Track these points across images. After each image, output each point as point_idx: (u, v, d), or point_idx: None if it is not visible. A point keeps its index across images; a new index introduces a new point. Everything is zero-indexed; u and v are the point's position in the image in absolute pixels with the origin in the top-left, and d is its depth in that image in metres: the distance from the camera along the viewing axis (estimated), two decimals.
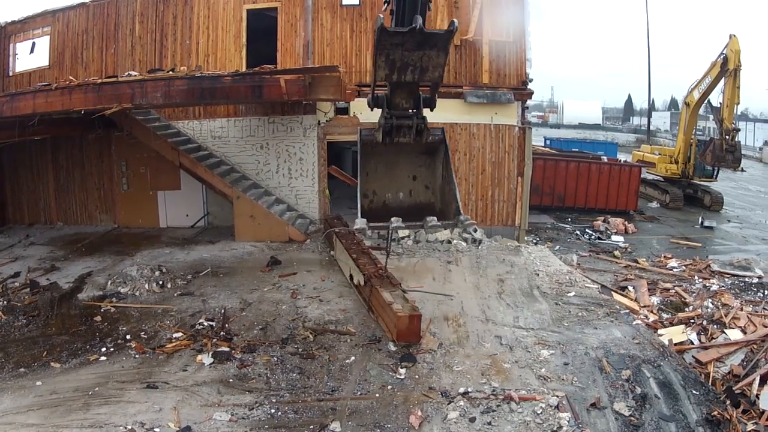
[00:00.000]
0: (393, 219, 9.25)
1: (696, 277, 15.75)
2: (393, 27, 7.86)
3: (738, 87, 24.34)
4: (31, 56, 18.47)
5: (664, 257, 18.18)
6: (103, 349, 9.74)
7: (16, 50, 18.72)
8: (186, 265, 13.98)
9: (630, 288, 14.72)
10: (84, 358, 9.44)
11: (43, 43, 18.32)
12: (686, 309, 13.25)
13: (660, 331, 11.77)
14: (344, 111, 17.02)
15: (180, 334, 10.22)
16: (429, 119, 9.45)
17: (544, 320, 11.15)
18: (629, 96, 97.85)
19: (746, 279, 15.60)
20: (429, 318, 10.68)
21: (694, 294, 14.20)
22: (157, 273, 12.87)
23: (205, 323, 10.66)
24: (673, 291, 14.47)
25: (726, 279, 15.65)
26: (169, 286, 12.59)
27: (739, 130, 26.83)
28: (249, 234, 15.98)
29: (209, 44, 17.25)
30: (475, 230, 15.80)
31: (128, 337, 10.16)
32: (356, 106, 16.35)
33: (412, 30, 7.40)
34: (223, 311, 11.18)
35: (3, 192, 18.76)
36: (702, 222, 23.87)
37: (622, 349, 9.91)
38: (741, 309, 12.56)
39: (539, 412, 7.90)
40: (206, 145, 17.40)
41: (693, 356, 10.66)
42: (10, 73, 18.67)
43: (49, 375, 8.88)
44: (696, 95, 26.95)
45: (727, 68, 24.14)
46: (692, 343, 11.35)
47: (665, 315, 13.10)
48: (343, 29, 17.00)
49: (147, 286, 12.40)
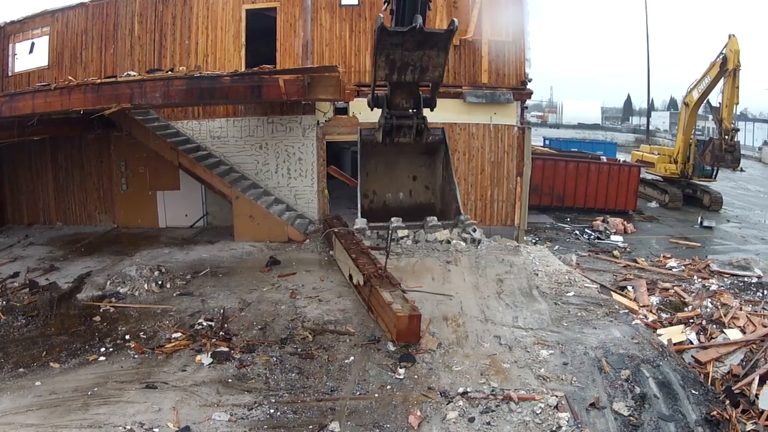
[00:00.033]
0: (393, 219, 9.26)
1: (695, 277, 15.75)
2: (393, 27, 7.86)
3: (737, 87, 24.33)
4: (31, 56, 18.47)
5: (664, 257, 18.18)
6: (102, 350, 9.74)
7: (16, 50, 18.71)
8: (185, 265, 13.98)
9: (629, 288, 14.72)
10: (83, 358, 9.44)
11: (43, 43, 18.31)
12: (685, 309, 13.25)
13: (659, 331, 11.77)
14: (343, 111, 17.03)
15: (179, 334, 10.22)
16: (428, 119, 9.46)
17: (544, 320, 11.15)
18: (628, 96, 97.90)
19: (745, 279, 15.61)
20: (428, 318, 10.67)
21: (694, 294, 14.21)
22: (156, 273, 12.88)
23: (204, 323, 10.65)
24: (673, 291, 14.47)
25: (725, 279, 15.66)
26: (168, 286, 12.59)
27: (739, 130, 26.78)
28: (248, 234, 15.97)
29: (208, 44, 17.24)
30: (474, 230, 15.79)
31: (127, 337, 10.15)
32: (355, 106, 16.36)
33: (413, 29, 7.40)
34: (222, 311, 11.17)
35: (2, 192, 18.75)
36: (701, 222, 23.87)
37: (622, 349, 9.91)
38: (740, 309, 12.57)
39: (538, 412, 7.90)
40: (205, 145, 17.40)
41: (692, 356, 10.66)
42: (10, 73, 18.66)
43: (49, 375, 8.87)
44: (695, 95, 26.94)
45: (727, 68, 24.13)
46: (691, 343, 11.36)
47: (664, 315, 13.10)
48: (342, 29, 16.99)
49: (146, 286, 12.40)
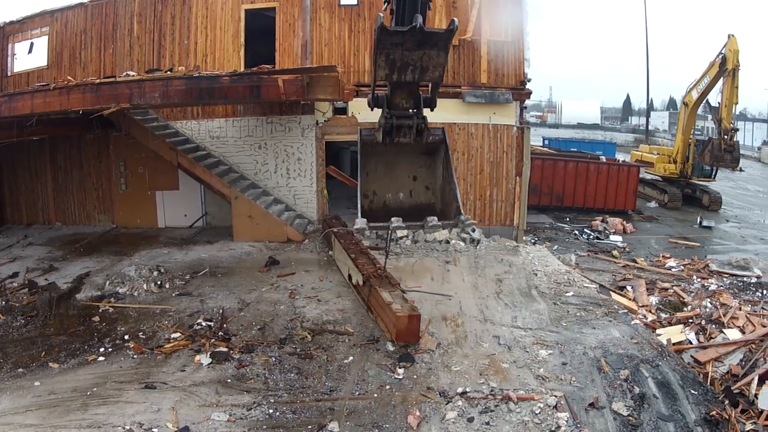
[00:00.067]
0: (393, 219, 9.24)
1: (694, 277, 15.75)
2: (393, 26, 7.84)
3: (736, 87, 24.32)
4: (30, 56, 18.47)
5: (663, 257, 18.18)
6: (102, 350, 9.73)
7: (15, 50, 18.71)
8: (184, 266, 13.97)
9: (628, 288, 14.71)
10: (82, 359, 9.44)
11: (42, 43, 18.31)
12: (685, 309, 13.24)
13: (658, 331, 11.76)
14: (342, 111, 17.02)
15: (178, 335, 10.22)
16: (427, 119, 9.44)
17: (543, 320, 11.15)
18: (628, 96, 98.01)
19: (745, 279, 15.61)
20: (428, 318, 10.67)
21: (693, 294, 14.20)
22: (156, 273, 12.88)
23: (204, 323, 10.65)
24: (672, 291, 14.46)
25: (724, 278, 15.66)
26: (168, 287, 12.59)
27: (738, 130, 26.77)
28: (247, 234, 15.96)
29: (207, 44, 17.24)
30: (474, 230, 15.80)
31: (126, 338, 10.15)
32: (354, 106, 16.36)
33: (413, 29, 7.38)
34: (222, 311, 11.17)
35: (1, 192, 18.75)
36: (700, 222, 23.86)
37: (621, 349, 9.91)
38: (739, 308, 12.57)
39: (537, 412, 7.90)
40: (204, 145, 17.40)
41: (691, 356, 10.67)
42: (9, 74, 18.66)
43: (48, 375, 8.87)
44: (694, 95, 26.93)
45: (726, 68, 24.12)
46: (691, 343, 11.36)
47: (664, 315, 13.09)
48: (342, 29, 16.99)
49: (145, 287, 12.40)
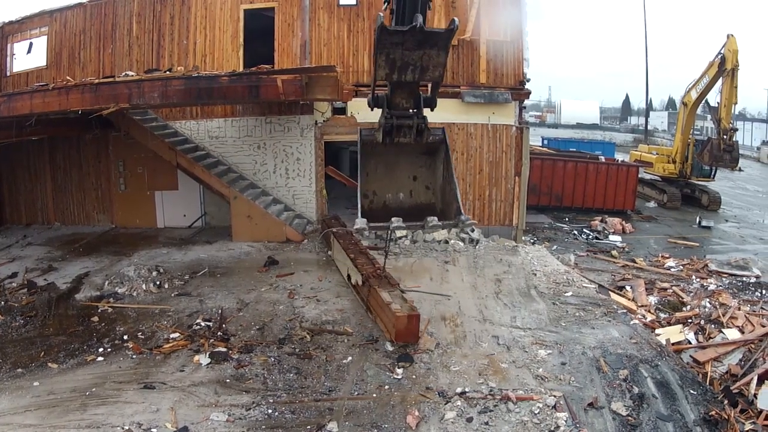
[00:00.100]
0: (393, 219, 9.22)
1: (694, 277, 15.74)
2: (393, 26, 7.82)
3: (736, 87, 24.30)
4: (29, 56, 18.46)
5: (662, 257, 18.18)
6: (101, 350, 9.73)
7: (14, 50, 18.70)
8: (183, 266, 13.97)
9: (627, 288, 14.71)
10: (81, 359, 9.44)
11: (41, 44, 18.29)
12: (684, 308, 13.24)
13: (657, 331, 11.77)
14: (341, 111, 17.02)
15: (177, 335, 10.22)
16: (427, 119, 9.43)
17: (542, 320, 11.16)
18: (627, 96, 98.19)
19: (744, 278, 15.61)
20: (427, 318, 10.68)
21: (692, 293, 14.20)
22: (155, 273, 12.88)
23: (203, 323, 10.65)
24: (671, 291, 14.45)
25: (724, 278, 15.65)
26: (167, 287, 12.58)
27: (737, 130, 26.73)
28: (246, 234, 15.96)
29: (206, 44, 17.23)
30: (473, 230, 15.79)
31: (125, 338, 10.15)
32: (353, 106, 16.36)
33: (413, 29, 7.34)
34: (221, 311, 11.17)
35: (0, 192, 18.73)
36: (700, 222, 23.85)
37: (620, 349, 9.92)
38: (739, 308, 12.57)
39: (536, 412, 7.91)
40: (203, 145, 17.39)
41: (690, 356, 10.68)
42: (8, 74, 18.64)
43: (47, 375, 8.87)
44: (694, 95, 26.93)
45: (725, 68, 24.09)
46: (690, 343, 11.36)
47: (663, 315, 13.08)
48: (341, 29, 16.99)
49: (144, 287, 12.39)
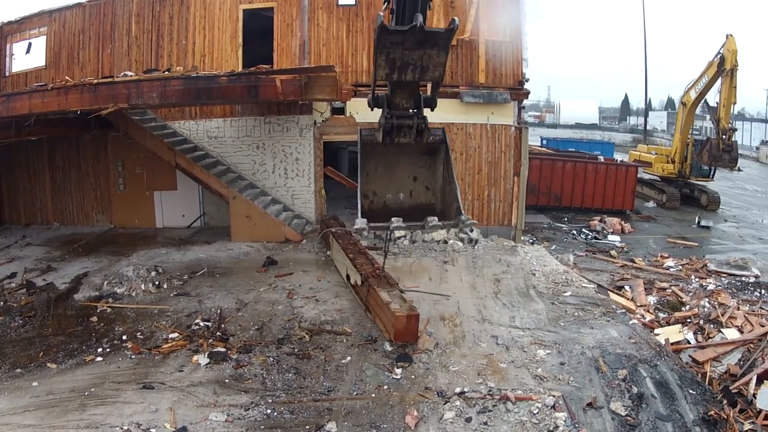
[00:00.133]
0: (393, 219, 9.21)
1: (693, 277, 15.73)
2: (393, 25, 7.81)
3: (735, 87, 24.26)
4: (28, 56, 18.44)
5: (661, 257, 18.16)
6: (100, 350, 9.74)
7: (13, 50, 18.68)
8: (182, 266, 13.96)
9: (626, 287, 14.69)
10: (80, 359, 9.45)
11: (40, 44, 18.28)
12: (683, 308, 13.23)
13: (656, 331, 11.76)
14: (340, 111, 17.01)
15: (176, 335, 10.22)
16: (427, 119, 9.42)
17: (541, 320, 11.17)
18: (626, 96, 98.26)
19: (743, 278, 15.59)
20: (426, 318, 10.68)
21: (691, 293, 14.19)
22: (154, 273, 12.88)
23: (201, 323, 10.66)
24: (670, 290, 14.44)
25: (723, 278, 15.64)
26: (166, 287, 12.58)
27: (736, 130, 26.70)
28: (245, 234, 15.95)
29: (205, 44, 17.22)
30: (472, 230, 15.78)
31: (124, 338, 10.16)
32: (352, 106, 16.36)
33: (413, 28, 7.32)
34: (219, 311, 11.17)
35: None
36: (699, 221, 23.84)
37: (619, 349, 9.93)
38: (738, 308, 12.57)
39: (535, 412, 7.92)
40: (202, 146, 17.37)
41: (690, 356, 10.68)
42: (7, 74, 18.63)
43: (46, 376, 8.87)
44: (693, 95, 26.91)
45: (724, 68, 24.06)
46: (689, 343, 11.36)
47: (662, 314, 13.07)
48: (340, 29, 16.98)
49: (143, 287, 12.39)
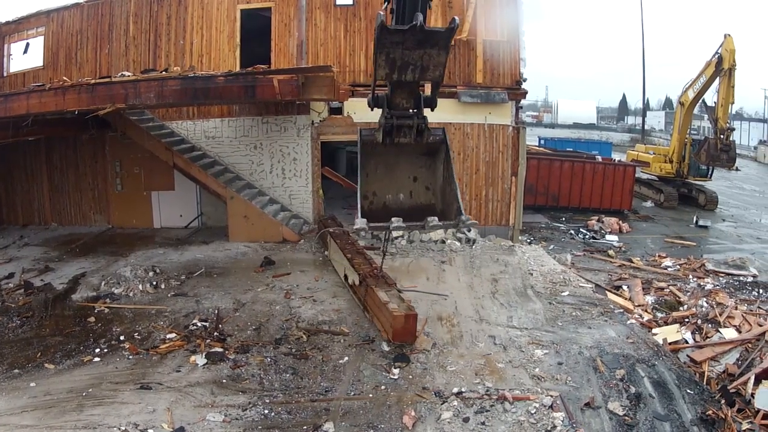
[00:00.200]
0: (393, 219, 9.20)
1: (690, 276, 15.73)
2: (393, 25, 7.80)
3: (733, 86, 24.25)
4: (25, 57, 18.43)
5: (659, 256, 18.16)
6: (97, 350, 9.73)
7: (10, 51, 18.66)
8: (180, 266, 13.95)
9: (624, 287, 14.69)
10: (78, 359, 9.44)
11: (37, 44, 18.25)
12: (681, 308, 13.24)
13: (654, 330, 11.77)
14: (338, 111, 17.00)
15: (173, 335, 10.21)
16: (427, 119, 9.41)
17: (538, 320, 11.18)
18: (624, 95, 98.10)
19: (741, 278, 15.60)
20: (424, 318, 10.68)
21: (689, 293, 14.19)
22: (151, 273, 12.87)
23: (199, 324, 10.65)
24: (668, 290, 14.44)
25: (721, 278, 15.64)
26: (163, 287, 12.57)
27: (734, 130, 26.74)
28: (243, 234, 15.95)
29: (203, 44, 17.21)
30: (469, 230, 15.78)
31: (122, 338, 10.15)
32: (350, 106, 16.36)
33: (413, 28, 7.31)
34: (217, 312, 11.16)
35: None
36: (696, 221, 23.84)
37: (617, 349, 9.94)
38: (736, 308, 12.57)
39: (533, 412, 7.92)
40: (200, 146, 17.36)
41: (688, 355, 10.69)
42: (5, 74, 18.61)
43: (43, 376, 8.86)
44: (690, 95, 26.91)
45: (722, 67, 24.06)
46: (687, 342, 11.36)
47: (660, 314, 13.08)
48: (337, 29, 16.97)
49: (141, 287, 12.38)
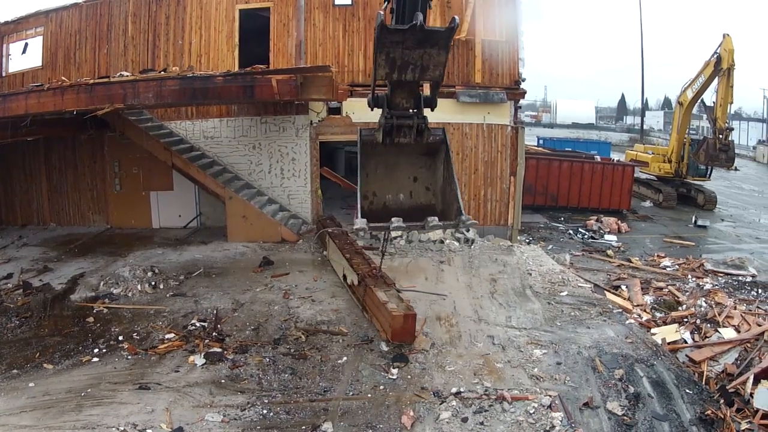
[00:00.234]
0: (393, 219, 9.19)
1: (689, 276, 15.73)
2: (393, 24, 7.80)
3: (731, 86, 24.26)
4: (24, 57, 18.41)
5: (658, 256, 18.16)
6: (96, 351, 9.72)
7: (9, 51, 18.64)
8: (178, 266, 13.94)
9: (623, 287, 14.69)
10: (76, 360, 9.43)
11: (36, 44, 18.24)
12: (679, 308, 13.24)
13: (653, 330, 11.77)
14: (337, 111, 17.00)
15: (172, 335, 10.21)
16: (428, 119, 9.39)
17: (537, 320, 11.17)
18: (622, 95, 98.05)
19: (740, 278, 15.61)
20: (423, 318, 10.67)
21: (688, 293, 14.19)
22: (150, 274, 12.86)
23: (198, 324, 10.64)
24: (667, 290, 14.44)
25: (719, 278, 15.65)
26: (162, 287, 12.56)
27: (733, 129, 26.74)
28: (241, 234, 15.94)
29: (202, 44, 17.21)
30: (468, 230, 15.78)
31: (121, 338, 10.14)
32: (349, 106, 16.36)
33: (413, 27, 7.30)
34: (216, 312, 11.15)
35: None
36: (695, 221, 23.85)
37: (615, 349, 9.94)
38: (734, 308, 12.57)
39: (532, 412, 7.92)
40: (199, 146, 17.35)
41: (686, 355, 10.68)
42: (3, 74, 18.59)
43: (42, 376, 8.86)
44: (689, 94, 26.93)
45: (721, 67, 24.07)
46: (686, 342, 11.36)
47: (658, 314, 13.08)
48: (336, 29, 16.98)
49: (139, 287, 12.37)
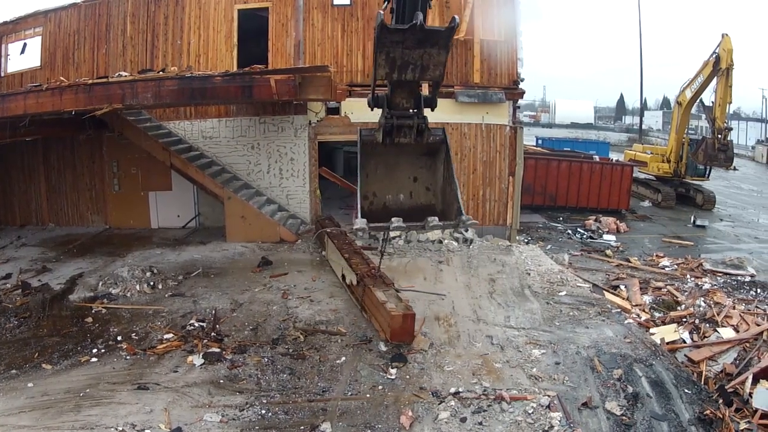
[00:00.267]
0: (393, 219, 9.19)
1: (688, 276, 15.74)
2: (393, 24, 7.80)
3: (730, 86, 24.28)
4: (23, 57, 18.39)
5: (656, 256, 18.17)
6: (95, 351, 9.72)
7: (8, 51, 18.62)
8: (177, 266, 13.94)
9: (622, 287, 14.69)
10: (75, 360, 9.42)
11: (35, 44, 18.23)
12: (678, 308, 13.25)
13: (652, 330, 11.77)
14: (335, 111, 17.00)
15: (171, 335, 10.20)
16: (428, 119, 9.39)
17: (536, 320, 11.18)
18: (621, 95, 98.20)
19: (738, 277, 15.62)
20: (421, 318, 10.67)
21: (687, 293, 14.20)
22: (148, 274, 12.85)
23: (196, 324, 10.64)
24: (665, 290, 14.45)
25: (718, 277, 15.66)
26: (160, 287, 12.56)
27: (732, 129, 26.75)
28: (240, 234, 15.94)
29: (200, 44, 17.20)
30: (467, 230, 15.78)
31: (119, 339, 10.14)
32: (347, 106, 16.36)
33: (413, 27, 7.29)
34: (214, 312, 11.15)
35: None
36: (694, 221, 23.87)
37: (614, 348, 9.94)
38: (733, 307, 12.58)
39: (530, 412, 7.92)
40: (197, 146, 17.35)
41: (685, 355, 10.68)
42: (2, 74, 18.57)
43: (41, 376, 8.85)
44: (688, 94, 26.94)
45: (720, 67, 24.09)
46: (684, 342, 11.36)
47: (657, 314, 13.08)
48: (334, 29, 16.98)
49: (138, 287, 12.36)
